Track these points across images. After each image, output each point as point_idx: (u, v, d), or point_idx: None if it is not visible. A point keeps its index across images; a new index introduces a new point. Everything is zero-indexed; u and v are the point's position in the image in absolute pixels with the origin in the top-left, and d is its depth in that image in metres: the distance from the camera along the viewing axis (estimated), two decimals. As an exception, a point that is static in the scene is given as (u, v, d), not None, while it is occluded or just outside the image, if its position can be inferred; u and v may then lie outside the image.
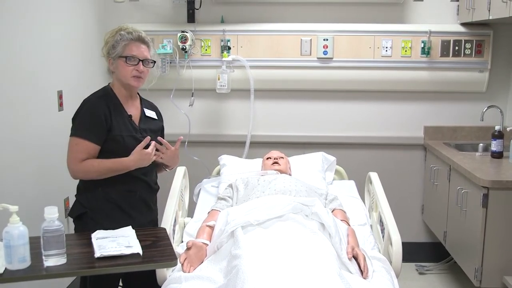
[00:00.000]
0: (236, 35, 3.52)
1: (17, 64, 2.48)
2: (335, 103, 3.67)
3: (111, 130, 2.20)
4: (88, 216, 2.21)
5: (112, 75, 2.32)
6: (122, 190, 2.25)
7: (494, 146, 3.13)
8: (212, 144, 3.69)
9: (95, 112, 2.18)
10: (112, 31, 2.27)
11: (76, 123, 2.20)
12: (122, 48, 2.23)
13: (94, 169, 2.18)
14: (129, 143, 2.23)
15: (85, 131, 2.16)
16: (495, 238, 2.68)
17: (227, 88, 3.48)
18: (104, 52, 2.28)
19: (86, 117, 2.18)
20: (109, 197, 2.23)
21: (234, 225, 2.04)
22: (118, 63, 2.24)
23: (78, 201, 2.27)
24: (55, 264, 1.69)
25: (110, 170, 2.20)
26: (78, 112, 2.22)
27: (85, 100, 2.24)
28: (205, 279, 1.91)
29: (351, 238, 2.17)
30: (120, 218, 2.20)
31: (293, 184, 2.49)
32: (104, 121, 2.18)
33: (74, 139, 2.17)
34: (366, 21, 3.54)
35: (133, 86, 2.27)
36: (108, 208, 2.23)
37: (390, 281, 2.01)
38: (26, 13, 2.55)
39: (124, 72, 2.24)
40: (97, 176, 2.19)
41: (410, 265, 3.69)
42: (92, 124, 2.17)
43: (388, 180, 3.45)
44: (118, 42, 2.23)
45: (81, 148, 2.16)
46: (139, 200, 2.32)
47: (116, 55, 2.23)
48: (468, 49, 3.49)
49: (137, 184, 2.30)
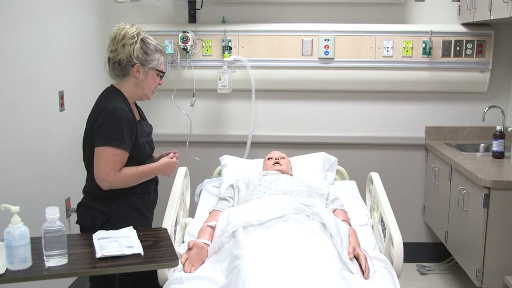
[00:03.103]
0: (237, 35, 3.52)
1: (18, 65, 2.48)
2: (336, 104, 3.67)
3: (137, 138, 2.17)
4: (110, 223, 2.14)
5: (122, 78, 2.20)
6: (141, 193, 2.25)
7: (495, 146, 3.13)
8: (213, 145, 3.70)
9: (126, 120, 2.10)
10: (129, 33, 2.14)
11: (108, 132, 2.08)
12: (158, 61, 2.22)
13: (133, 177, 2.15)
14: (147, 149, 2.24)
15: (121, 140, 2.08)
16: (496, 238, 2.68)
17: (228, 88, 3.48)
18: (128, 55, 2.14)
19: (120, 125, 2.09)
20: (130, 202, 2.21)
21: (235, 225, 2.04)
22: (149, 73, 2.20)
23: (97, 210, 2.17)
24: (57, 264, 1.69)
25: (146, 176, 2.22)
26: (105, 120, 2.09)
27: (111, 108, 2.10)
28: (206, 279, 1.91)
29: (352, 238, 2.17)
30: (139, 221, 2.21)
31: (294, 185, 2.49)
32: (133, 129, 2.14)
33: (110, 149, 2.07)
34: (367, 21, 3.54)
35: (149, 99, 2.29)
36: (129, 212, 2.20)
37: (391, 281, 2.00)
38: (26, 13, 2.55)
39: (152, 85, 2.25)
40: (133, 184, 2.17)
41: (411, 265, 3.69)
42: (125, 132, 2.10)
43: (389, 180, 3.46)
44: (153, 52, 2.19)
45: (118, 159, 2.09)
46: (152, 199, 2.35)
47: (151, 67, 2.20)
48: (469, 49, 3.48)
49: (151, 184, 2.32)
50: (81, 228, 2.26)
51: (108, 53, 2.19)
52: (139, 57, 2.16)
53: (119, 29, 2.16)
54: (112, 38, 2.17)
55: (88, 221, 2.19)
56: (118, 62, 2.16)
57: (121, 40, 2.14)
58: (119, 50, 2.14)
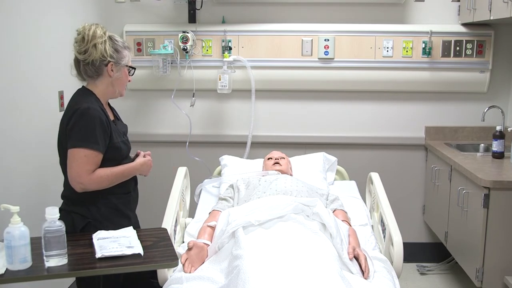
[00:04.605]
0: (237, 35, 3.52)
1: (18, 65, 2.48)
2: (336, 104, 3.67)
3: (112, 138, 2.14)
4: (92, 225, 2.13)
5: (96, 79, 2.17)
6: (120, 193, 2.22)
7: (495, 147, 3.13)
8: (213, 145, 3.69)
9: (99, 121, 2.08)
10: (98, 32, 2.11)
11: (80, 133, 2.05)
12: (128, 58, 2.22)
13: (108, 178, 2.11)
14: (123, 148, 2.22)
15: (94, 141, 2.05)
16: (496, 239, 2.68)
17: (228, 88, 3.48)
18: (101, 54, 2.11)
19: (92, 126, 2.06)
20: (109, 203, 2.18)
21: (235, 226, 2.04)
22: (122, 71, 2.20)
23: (77, 214, 2.14)
24: (56, 264, 1.70)
25: (122, 177, 2.19)
26: (78, 121, 2.06)
27: (84, 108, 2.06)
28: (206, 280, 1.91)
29: (352, 239, 2.18)
30: (120, 221, 2.18)
31: (294, 185, 2.49)
32: (107, 129, 2.12)
33: (82, 151, 2.04)
34: (367, 21, 3.54)
35: (123, 95, 2.28)
36: (109, 213, 2.18)
37: (391, 282, 2.01)
38: (26, 13, 2.55)
39: (125, 82, 2.24)
40: (108, 185, 2.14)
41: (411, 266, 3.69)
42: (98, 133, 2.07)
43: (389, 181, 3.46)
44: (122, 48, 2.19)
45: (91, 160, 2.06)
46: (132, 199, 2.32)
47: (124, 63, 2.19)
48: (469, 49, 3.48)
49: (130, 184, 2.29)
50: None
51: (77, 56, 2.14)
52: (111, 55, 2.14)
53: (84, 29, 2.11)
54: (79, 40, 2.12)
55: (69, 226, 2.08)
56: (91, 63, 2.12)
57: (91, 41, 2.10)
58: (90, 51, 2.10)
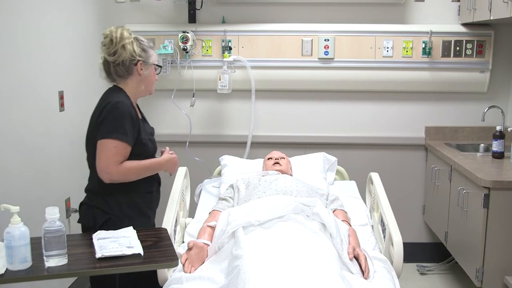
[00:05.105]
0: (237, 35, 3.52)
1: (18, 65, 2.48)
2: (336, 104, 3.67)
3: (140, 134, 2.20)
4: (112, 221, 2.15)
5: (127, 78, 2.23)
6: (143, 191, 2.25)
7: (495, 147, 3.13)
8: (213, 145, 3.70)
9: (129, 115, 2.14)
10: (125, 34, 2.19)
11: (111, 125, 2.10)
12: (155, 56, 2.29)
13: (135, 170, 2.16)
14: (150, 146, 2.28)
15: (123, 133, 2.10)
16: (496, 239, 2.68)
17: (228, 88, 3.48)
18: (130, 54, 2.18)
19: (122, 119, 2.11)
20: (131, 201, 2.21)
21: (235, 226, 2.04)
22: (150, 69, 2.27)
23: (98, 209, 2.18)
24: (56, 264, 1.70)
25: (148, 171, 2.24)
26: (108, 114, 2.11)
27: (115, 102, 2.13)
28: (206, 280, 1.91)
29: (352, 239, 2.18)
30: (140, 220, 2.21)
31: (294, 185, 2.49)
32: (136, 124, 2.18)
33: (111, 142, 2.08)
34: (367, 21, 3.54)
35: (152, 93, 2.34)
36: (131, 211, 2.20)
37: (391, 282, 2.01)
38: (26, 13, 2.55)
39: (153, 80, 2.32)
40: (135, 178, 2.18)
41: (411, 266, 3.69)
42: (128, 126, 2.12)
43: (389, 181, 3.46)
44: (148, 48, 2.26)
45: (120, 151, 2.10)
46: (154, 199, 2.35)
47: (151, 62, 2.27)
48: (469, 49, 3.48)
49: (153, 184, 2.33)
50: (82, 228, 2.26)
51: (107, 58, 2.20)
52: (140, 54, 2.22)
53: (112, 32, 2.19)
54: (108, 42, 2.18)
55: (89, 220, 2.19)
56: (121, 63, 2.19)
57: (119, 42, 2.17)
58: (119, 51, 2.17)
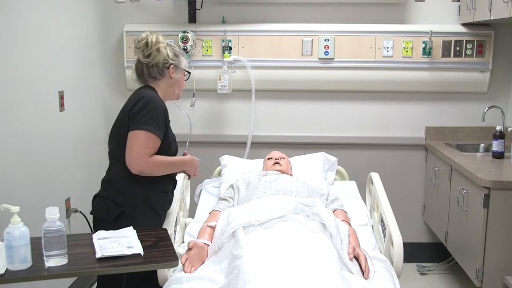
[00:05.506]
0: (237, 35, 3.52)
1: (18, 65, 2.48)
2: (336, 104, 3.67)
3: (167, 132, 2.26)
4: (125, 214, 2.19)
5: (160, 80, 2.31)
6: (159, 191, 2.28)
7: (495, 147, 3.13)
8: (213, 145, 3.70)
9: (162, 110, 2.20)
10: (160, 39, 2.29)
11: (145, 117, 2.14)
12: (185, 62, 2.38)
13: (163, 164, 2.22)
14: (174, 146, 2.34)
15: (156, 127, 2.16)
16: (496, 239, 2.68)
17: (228, 88, 3.48)
18: (164, 57, 2.27)
19: (156, 113, 2.17)
20: (146, 197, 2.23)
21: (235, 226, 2.04)
22: (180, 74, 2.37)
23: (112, 201, 2.20)
24: (56, 264, 1.69)
25: (174, 167, 2.33)
26: (143, 107, 2.16)
27: (149, 96, 2.20)
28: (206, 280, 1.91)
29: (352, 239, 2.18)
30: (152, 217, 2.24)
31: (294, 185, 2.49)
32: (167, 121, 2.25)
33: (144, 133, 2.13)
34: (367, 21, 3.54)
35: (179, 98, 2.43)
36: (144, 207, 2.23)
37: (391, 282, 2.00)
38: (27, 13, 2.55)
39: (182, 84, 2.41)
40: (161, 172, 2.24)
41: (411, 266, 3.69)
42: (161, 121, 2.18)
43: (389, 181, 3.46)
44: (179, 54, 2.36)
45: (151, 144, 2.15)
46: (167, 200, 2.38)
47: (182, 67, 2.37)
48: (469, 49, 3.48)
49: (169, 184, 2.36)
50: (94, 219, 2.28)
51: (141, 59, 2.29)
52: (173, 58, 2.32)
53: (147, 36, 2.28)
54: (143, 45, 2.28)
55: (103, 212, 2.22)
56: (155, 65, 2.28)
57: (154, 45, 2.27)
58: (154, 54, 2.26)
